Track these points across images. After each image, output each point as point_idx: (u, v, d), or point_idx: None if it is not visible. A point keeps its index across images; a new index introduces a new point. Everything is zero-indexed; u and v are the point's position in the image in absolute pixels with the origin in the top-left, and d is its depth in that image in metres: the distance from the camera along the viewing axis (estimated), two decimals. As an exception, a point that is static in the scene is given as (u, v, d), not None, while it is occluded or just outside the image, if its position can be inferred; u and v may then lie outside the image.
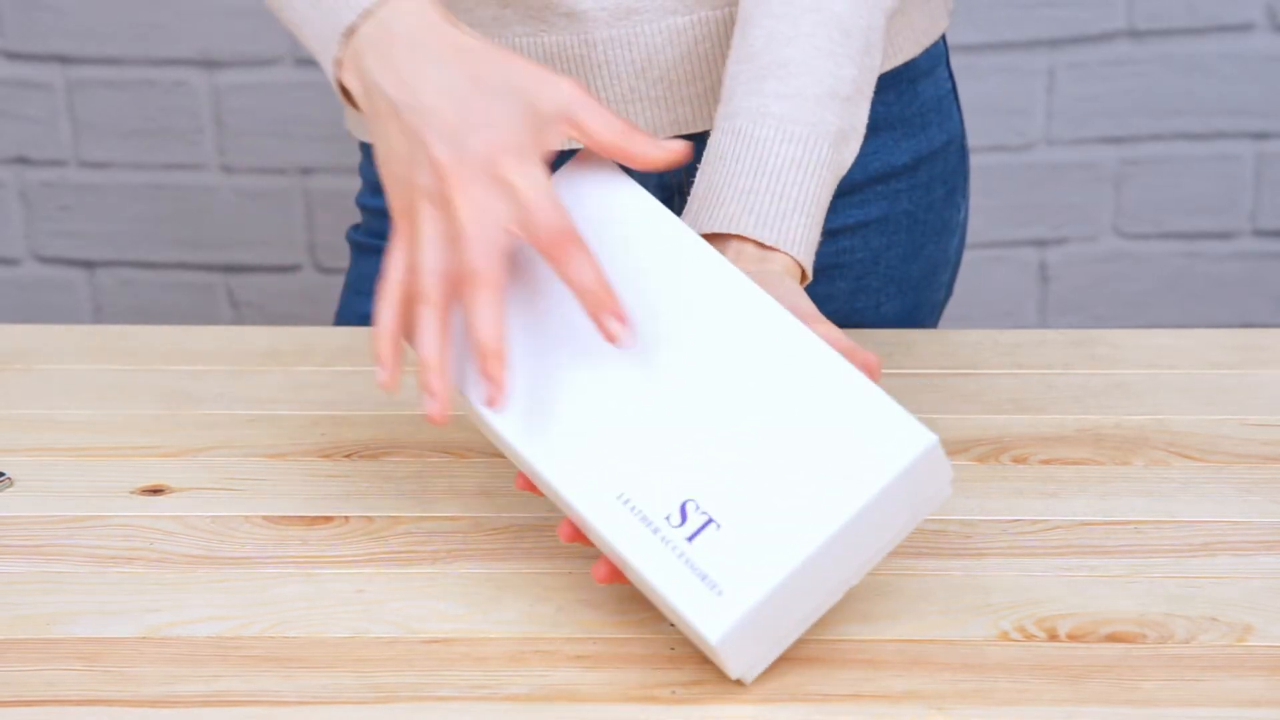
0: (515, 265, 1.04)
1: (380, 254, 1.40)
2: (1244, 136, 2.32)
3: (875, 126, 1.32)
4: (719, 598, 0.93)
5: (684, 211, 1.12)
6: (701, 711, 0.96)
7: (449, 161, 1.01)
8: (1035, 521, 1.11)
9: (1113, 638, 1.01)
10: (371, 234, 1.41)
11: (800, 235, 1.10)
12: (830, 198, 1.12)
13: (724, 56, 1.28)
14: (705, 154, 1.13)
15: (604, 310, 0.99)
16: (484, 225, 1.00)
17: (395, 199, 1.03)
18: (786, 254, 1.09)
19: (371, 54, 1.05)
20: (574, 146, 1.15)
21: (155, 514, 1.12)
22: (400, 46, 1.04)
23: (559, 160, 1.09)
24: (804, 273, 1.11)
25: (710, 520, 0.95)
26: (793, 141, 1.10)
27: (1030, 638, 1.01)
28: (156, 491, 1.15)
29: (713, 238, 1.10)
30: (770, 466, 0.96)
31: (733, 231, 1.09)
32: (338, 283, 1.46)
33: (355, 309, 1.41)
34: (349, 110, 1.40)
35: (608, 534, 0.97)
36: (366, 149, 1.41)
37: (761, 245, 1.09)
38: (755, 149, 1.10)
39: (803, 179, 1.10)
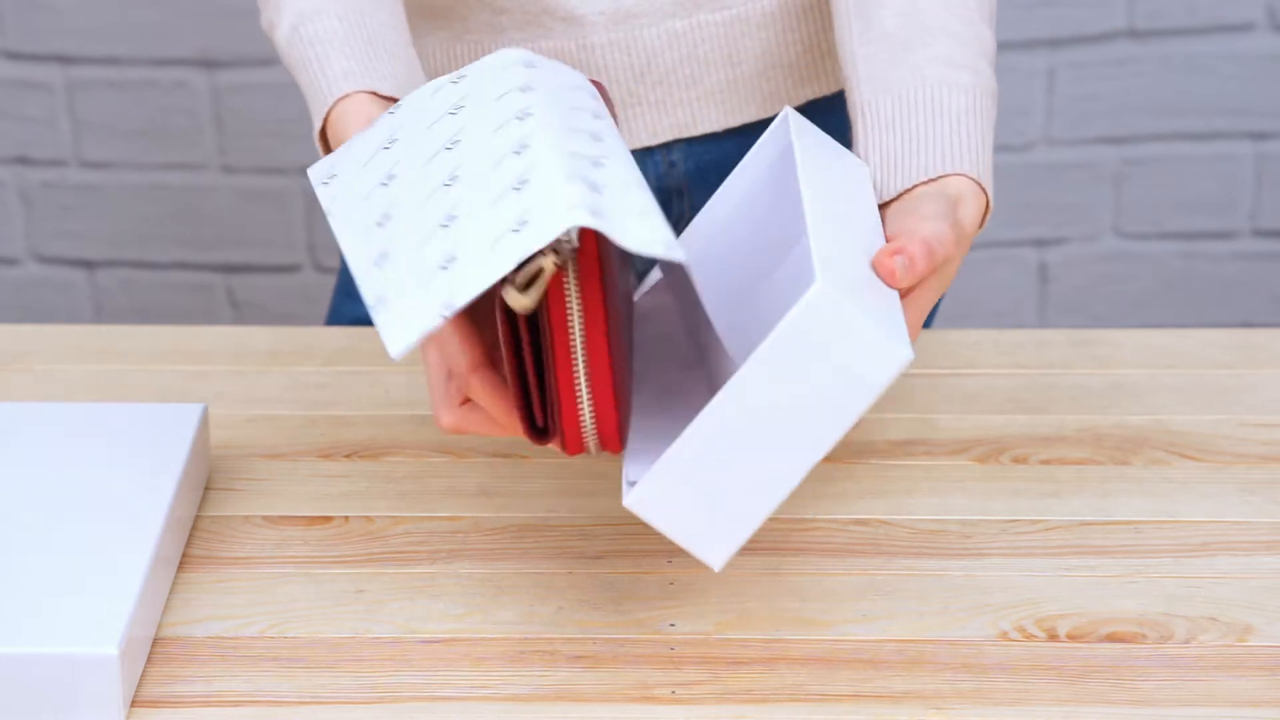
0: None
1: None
2: (1244, 136, 2.32)
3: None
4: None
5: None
6: (701, 711, 0.96)
7: None
8: (1035, 521, 1.11)
9: (1112, 638, 1.01)
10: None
11: (990, 177, 1.09)
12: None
13: (723, 60, 1.28)
14: (858, 129, 1.10)
15: (514, 433, 1.01)
16: None
17: None
18: (988, 196, 1.08)
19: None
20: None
21: (155, 514, 1.12)
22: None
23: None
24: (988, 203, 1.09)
25: None
26: (961, 91, 1.09)
27: (1030, 638, 1.01)
28: (156, 491, 1.15)
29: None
30: None
31: (930, 177, 1.07)
32: (338, 283, 1.46)
33: (347, 311, 1.41)
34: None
35: None
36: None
37: (975, 182, 1.07)
38: (926, 105, 1.09)
39: (981, 125, 1.09)
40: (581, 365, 0.96)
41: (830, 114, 1.33)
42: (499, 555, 1.09)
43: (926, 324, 1.41)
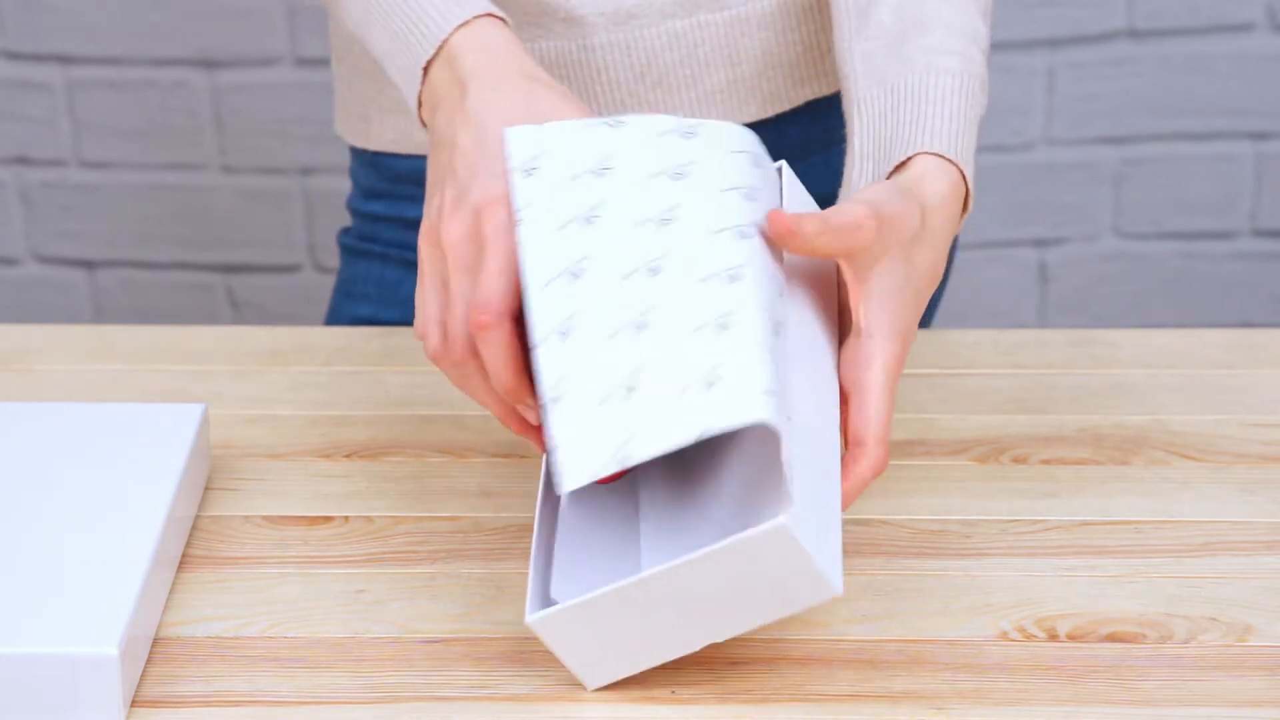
0: None
1: (370, 258, 1.40)
2: (1244, 136, 2.32)
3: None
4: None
5: (846, 175, 1.10)
6: (701, 711, 0.96)
7: (450, 203, 1.00)
8: (1035, 521, 1.11)
9: (1113, 638, 1.01)
10: (362, 238, 1.41)
11: (970, 156, 1.07)
12: (975, 144, 1.09)
13: (723, 60, 1.28)
14: (853, 122, 1.10)
15: (514, 403, 0.99)
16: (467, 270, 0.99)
17: (420, 230, 1.03)
18: (960, 171, 1.06)
19: (441, 92, 1.05)
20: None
21: (155, 514, 1.12)
22: (463, 85, 1.04)
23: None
24: (967, 196, 1.08)
25: None
26: (947, 75, 1.09)
27: (1030, 638, 1.01)
28: (156, 491, 1.15)
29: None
30: None
31: (901, 161, 1.06)
32: (338, 283, 1.47)
33: (346, 311, 1.41)
34: (338, 112, 1.40)
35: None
36: (356, 152, 1.41)
37: (942, 158, 1.06)
38: (911, 92, 1.08)
39: (963, 105, 1.08)
40: None
41: (830, 114, 1.33)
42: (499, 555, 1.08)
43: (924, 323, 1.41)
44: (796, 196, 1.04)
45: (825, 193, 1.31)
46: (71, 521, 1.03)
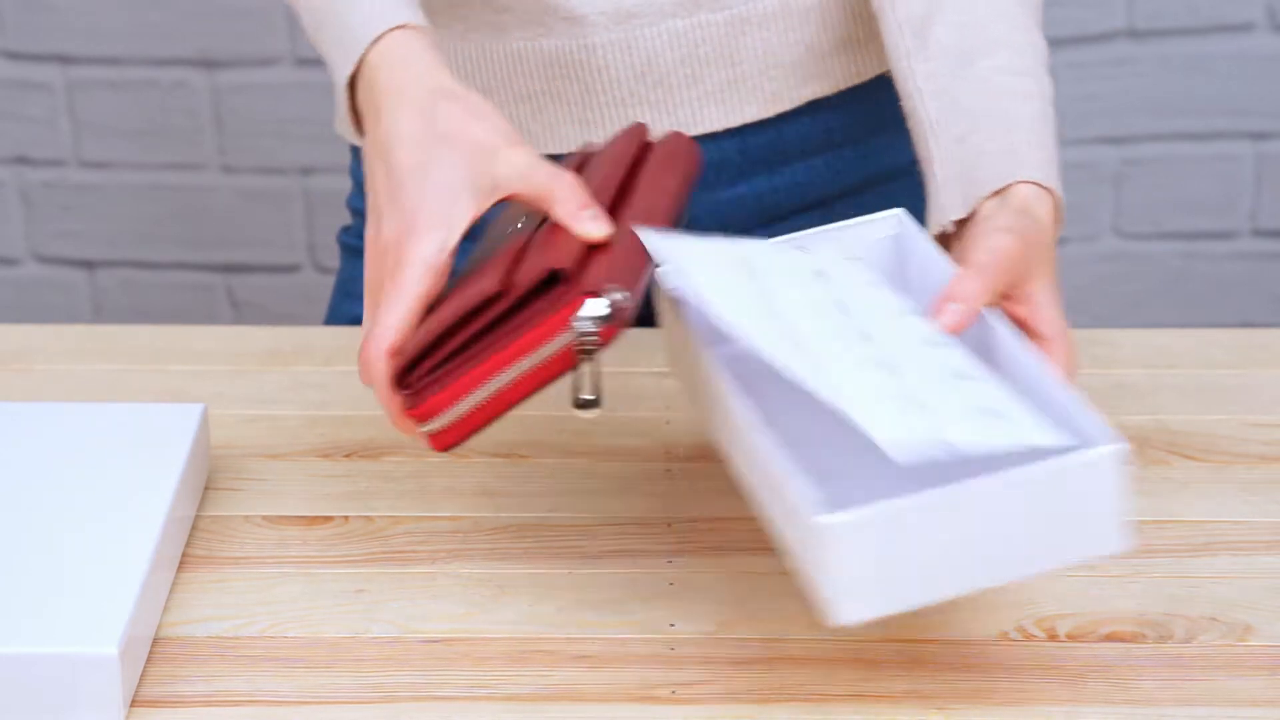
0: None
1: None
2: (1244, 136, 2.32)
3: (878, 127, 1.32)
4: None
5: (932, 199, 1.12)
6: (701, 711, 0.96)
7: (370, 238, 1.06)
8: (1035, 521, 1.11)
9: (1112, 637, 1.01)
10: (362, 237, 1.40)
11: (1060, 184, 1.13)
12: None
13: (723, 59, 1.28)
14: (930, 147, 1.12)
15: (403, 432, 1.03)
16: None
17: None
18: (1055, 196, 1.12)
19: (364, 112, 1.08)
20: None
21: (155, 514, 1.12)
22: (377, 108, 1.07)
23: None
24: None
25: None
26: (1026, 99, 1.12)
27: (1030, 638, 1.01)
28: (156, 491, 1.15)
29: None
30: None
31: (997, 188, 1.09)
32: (338, 283, 1.47)
33: (345, 311, 1.41)
34: (338, 111, 1.40)
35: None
36: (356, 151, 1.41)
37: (1039, 186, 1.10)
38: (994, 117, 1.11)
39: (1046, 130, 1.13)
40: (499, 381, 0.98)
41: (830, 114, 1.33)
42: (499, 555, 1.09)
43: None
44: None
45: (826, 193, 1.32)
46: (71, 521, 1.03)
